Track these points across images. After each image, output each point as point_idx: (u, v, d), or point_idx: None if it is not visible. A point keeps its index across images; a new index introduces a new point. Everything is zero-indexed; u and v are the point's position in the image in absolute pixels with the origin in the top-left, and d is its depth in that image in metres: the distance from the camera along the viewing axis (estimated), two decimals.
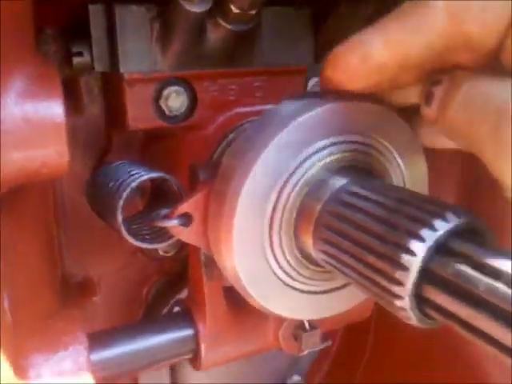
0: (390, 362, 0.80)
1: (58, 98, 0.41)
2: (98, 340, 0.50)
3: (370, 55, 0.37)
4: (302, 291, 0.45)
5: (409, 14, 0.36)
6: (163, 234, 0.50)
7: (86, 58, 0.56)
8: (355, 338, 0.85)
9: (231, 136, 0.60)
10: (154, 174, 0.49)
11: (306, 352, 0.55)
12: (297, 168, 0.41)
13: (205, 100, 0.59)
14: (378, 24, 0.37)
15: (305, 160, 0.41)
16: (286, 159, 0.40)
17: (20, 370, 0.43)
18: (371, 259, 0.34)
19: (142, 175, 0.48)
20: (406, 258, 0.31)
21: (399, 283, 0.31)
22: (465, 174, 0.71)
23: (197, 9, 0.50)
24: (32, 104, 0.40)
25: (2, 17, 0.37)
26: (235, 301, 0.50)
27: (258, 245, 0.41)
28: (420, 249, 0.31)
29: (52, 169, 0.42)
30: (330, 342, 0.57)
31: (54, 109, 0.41)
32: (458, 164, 0.72)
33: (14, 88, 0.39)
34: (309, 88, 0.69)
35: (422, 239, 0.31)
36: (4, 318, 0.44)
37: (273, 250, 0.42)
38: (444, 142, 0.44)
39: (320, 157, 0.42)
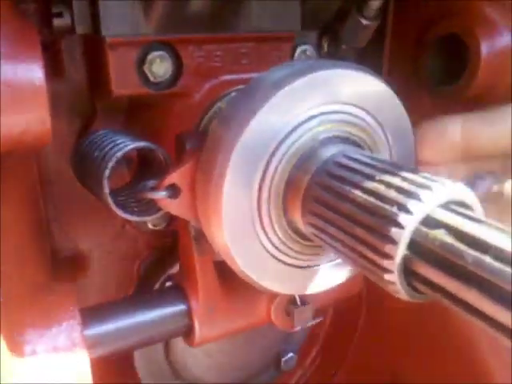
0: (381, 339, 0.81)
1: (37, 60, 0.39)
2: (91, 315, 0.49)
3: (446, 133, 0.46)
4: (293, 265, 0.45)
5: (490, 111, 0.45)
6: (151, 207, 0.49)
7: (67, 19, 0.53)
8: (346, 316, 0.86)
9: (218, 105, 0.59)
10: (139, 144, 0.48)
11: (298, 328, 0.56)
12: (286, 137, 0.40)
13: (190, 66, 0.57)
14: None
15: (294, 129, 0.40)
16: (275, 128, 0.40)
17: (15, 346, 0.43)
18: (359, 232, 0.34)
19: (128, 145, 0.47)
20: (394, 231, 0.31)
21: (388, 256, 0.31)
22: None
23: None
24: (10, 65, 0.38)
25: None
26: (227, 276, 0.50)
27: (248, 217, 0.41)
28: (408, 221, 0.31)
29: (35, 135, 0.40)
30: (321, 318, 0.58)
31: (34, 71, 0.39)
32: None
33: None
34: (296, 55, 0.67)
35: (409, 212, 0.31)
36: None
37: (262, 224, 0.42)
38: None
39: (310, 126, 0.41)
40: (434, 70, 0.67)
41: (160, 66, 0.56)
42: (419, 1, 0.68)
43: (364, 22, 0.64)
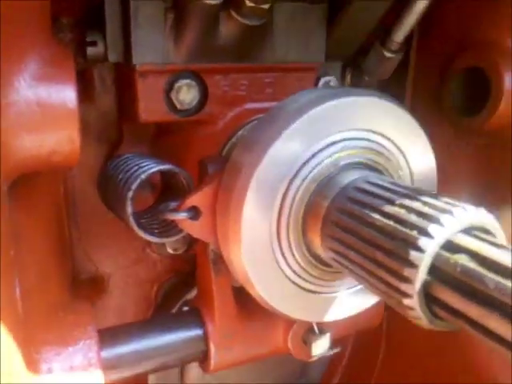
0: (401, 374, 0.79)
1: (70, 82, 0.41)
2: (107, 336, 0.49)
3: None
4: (311, 291, 0.44)
5: None
6: (172, 229, 0.50)
7: (100, 47, 0.56)
8: (366, 349, 0.84)
9: (241, 132, 0.60)
10: (163, 167, 0.49)
11: (315, 358, 0.54)
12: (306, 162, 0.41)
13: (215, 94, 0.59)
14: None
15: (314, 155, 0.41)
16: (296, 153, 0.40)
17: (32, 363, 0.43)
18: (379, 256, 0.33)
19: (152, 167, 0.48)
20: (414, 255, 0.31)
21: (407, 280, 0.30)
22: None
23: (211, 0, 0.50)
24: (45, 87, 0.39)
25: None
26: (244, 301, 0.49)
27: (267, 241, 0.41)
28: (428, 245, 0.30)
29: (63, 155, 0.41)
30: (339, 349, 0.56)
31: (67, 93, 0.41)
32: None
33: (28, 70, 0.39)
34: (319, 86, 0.68)
35: (430, 235, 0.31)
36: (15, 308, 0.43)
37: (281, 248, 0.42)
38: None
39: (329, 152, 0.41)
40: (456, 101, 0.67)
41: (187, 94, 0.57)
42: (443, 34, 0.69)
43: (387, 54, 0.65)
